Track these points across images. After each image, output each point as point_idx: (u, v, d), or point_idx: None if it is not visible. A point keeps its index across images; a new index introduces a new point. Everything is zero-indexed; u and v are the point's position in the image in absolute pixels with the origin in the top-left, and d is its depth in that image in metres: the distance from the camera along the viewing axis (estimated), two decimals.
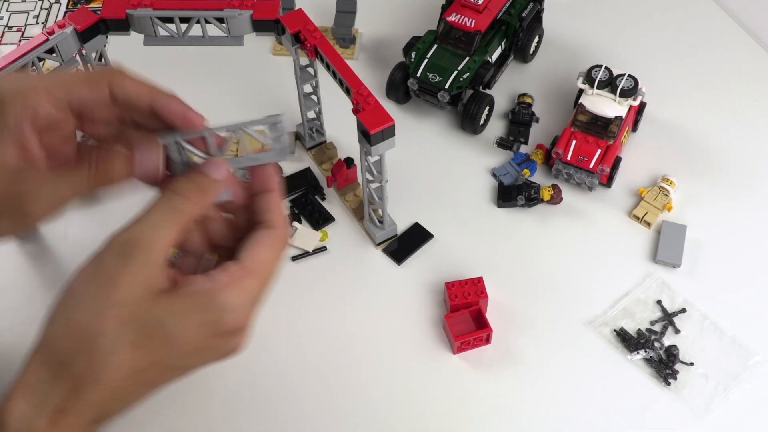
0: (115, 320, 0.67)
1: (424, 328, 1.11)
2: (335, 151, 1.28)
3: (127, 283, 0.67)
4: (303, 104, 1.21)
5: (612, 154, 1.20)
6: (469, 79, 1.26)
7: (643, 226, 1.19)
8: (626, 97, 1.20)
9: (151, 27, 1.09)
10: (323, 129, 1.28)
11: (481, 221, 1.21)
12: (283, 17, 1.09)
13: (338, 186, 1.23)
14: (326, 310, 1.13)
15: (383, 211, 1.15)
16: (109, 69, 0.81)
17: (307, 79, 1.17)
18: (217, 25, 1.09)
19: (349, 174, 1.22)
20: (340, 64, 1.05)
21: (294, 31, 1.08)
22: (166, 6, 1.08)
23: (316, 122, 1.26)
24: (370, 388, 1.06)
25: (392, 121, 0.99)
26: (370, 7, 1.47)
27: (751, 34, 1.44)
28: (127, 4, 1.08)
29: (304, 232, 1.19)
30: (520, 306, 1.12)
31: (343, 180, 1.22)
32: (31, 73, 0.91)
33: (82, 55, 1.12)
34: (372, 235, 1.18)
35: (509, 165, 1.25)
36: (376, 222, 1.17)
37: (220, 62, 1.41)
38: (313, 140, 1.28)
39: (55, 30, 1.07)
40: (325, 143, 1.29)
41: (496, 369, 1.07)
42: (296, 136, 1.29)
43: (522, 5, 1.34)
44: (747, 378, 1.05)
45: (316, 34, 1.08)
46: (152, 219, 0.71)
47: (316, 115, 1.25)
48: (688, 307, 1.11)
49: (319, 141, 1.29)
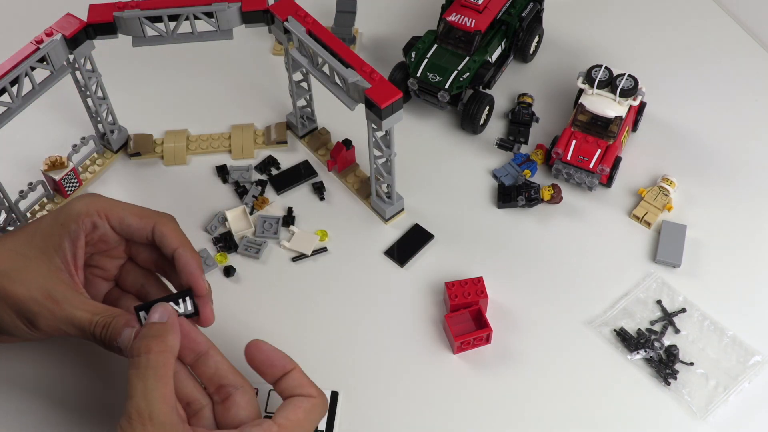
0: None
1: (424, 328, 1.11)
2: (329, 135, 1.29)
3: None
4: (294, 92, 1.22)
5: (612, 154, 1.20)
6: (469, 79, 1.26)
7: (643, 226, 1.19)
8: (626, 97, 1.20)
9: (139, 28, 1.09)
10: (314, 116, 1.28)
11: (480, 221, 1.21)
12: (272, 6, 1.09)
13: (338, 169, 1.24)
14: (326, 310, 1.13)
15: (391, 186, 1.16)
16: (160, 213, 0.98)
17: (298, 66, 1.17)
18: (206, 20, 1.09)
19: (348, 156, 1.24)
20: (337, 44, 1.05)
21: (284, 18, 1.08)
22: (154, 5, 1.08)
23: (306, 110, 1.27)
24: (370, 388, 1.06)
25: (400, 94, 1.01)
26: (370, 7, 1.47)
27: (751, 34, 1.44)
28: (113, 8, 1.08)
29: (301, 235, 1.19)
30: (520, 306, 1.12)
31: (343, 162, 1.24)
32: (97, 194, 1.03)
33: (70, 62, 1.12)
34: (381, 211, 1.19)
35: (509, 165, 1.25)
36: (384, 198, 1.18)
37: (220, 62, 1.41)
38: (305, 128, 1.29)
39: (44, 38, 1.06)
40: (318, 129, 1.30)
41: (496, 369, 1.07)
42: (288, 125, 1.30)
43: (522, 5, 1.34)
44: (747, 378, 1.05)
45: (308, 19, 1.08)
46: (138, 390, 0.81)
47: (307, 102, 1.26)
48: (688, 307, 1.11)
49: (311, 128, 1.29)
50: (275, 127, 1.30)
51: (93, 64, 1.16)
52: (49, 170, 1.21)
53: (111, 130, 1.26)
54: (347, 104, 1.04)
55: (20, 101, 1.07)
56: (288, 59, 1.15)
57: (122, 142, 1.29)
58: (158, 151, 1.28)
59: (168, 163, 1.27)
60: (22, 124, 1.14)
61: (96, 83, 1.19)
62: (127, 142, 1.29)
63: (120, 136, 1.28)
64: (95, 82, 1.19)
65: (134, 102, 1.34)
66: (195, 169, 1.27)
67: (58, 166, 1.21)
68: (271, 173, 1.26)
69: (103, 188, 1.25)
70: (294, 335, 1.10)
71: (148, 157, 1.28)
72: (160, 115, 1.33)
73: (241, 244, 1.18)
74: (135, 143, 1.28)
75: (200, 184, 1.25)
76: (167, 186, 1.25)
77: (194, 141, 1.29)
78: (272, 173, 1.26)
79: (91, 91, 1.18)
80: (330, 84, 1.06)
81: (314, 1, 1.47)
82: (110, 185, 1.26)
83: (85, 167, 1.27)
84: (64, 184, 1.22)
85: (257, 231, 1.19)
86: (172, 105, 1.35)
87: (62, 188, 1.22)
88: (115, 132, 1.27)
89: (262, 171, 1.26)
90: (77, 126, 1.31)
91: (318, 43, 1.06)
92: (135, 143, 1.28)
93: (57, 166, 1.21)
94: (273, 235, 1.19)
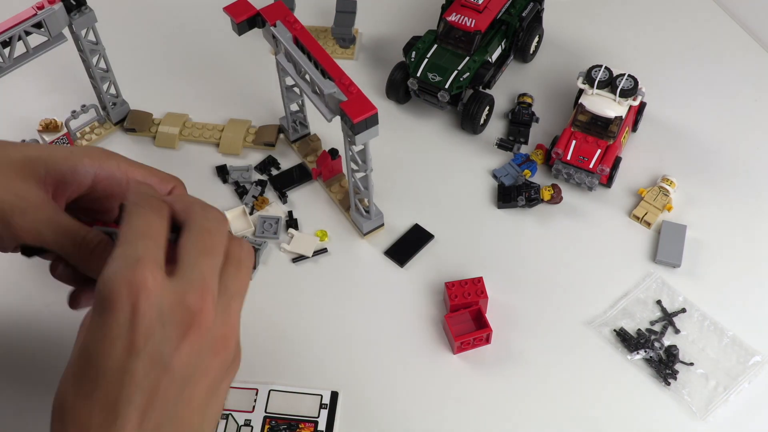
0: None
1: (424, 328, 1.11)
2: (319, 143, 1.29)
3: None
4: (285, 96, 1.22)
5: (612, 154, 1.20)
6: (469, 79, 1.26)
7: (643, 226, 1.19)
8: (626, 97, 1.20)
9: None
10: (306, 121, 1.28)
11: (480, 221, 1.21)
12: (262, 10, 1.09)
13: (323, 178, 1.24)
14: (326, 310, 1.13)
15: (369, 201, 1.15)
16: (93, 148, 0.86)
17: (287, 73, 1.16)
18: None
19: (333, 165, 1.23)
20: (320, 53, 1.04)
21: (273, 22, 1.08)
22: None
23: (299, 114, 1.27)
24: (370, 388, 1.06)
25: (375, 110, 0.99)
26: (370, 7, 1.47)
27: (751, 35, 1.44)
28: None
29: (301, 237, 1.19)
30: (520, 306, 1.12)
31: (328, 171, 1.23)
32: None
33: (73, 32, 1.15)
34: (359, 225, 1.18)
35: (509, 166, 1.25)
36: (362, 212, 1.18)
37: (220, 63, 1.41)
38: (297, 133, 1.29)
39: (45, 5, 1.09)
40: (309, 135, 1.30)
41: (496, 369, 1.07)
42: (280, 129, 1.30)
43: (522, 5, 1.34)
44: (747, 378, 1.05)
45: (297, 26, 1.07)
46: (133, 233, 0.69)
47: (299, 108, 1.26)
48: (688, 307, 1.11)
49: (303, 133, 1.29)
50: (266, 129, 1.30)
51: (97, 36, 1.19)
52: (43, 132, 1.24)
53: (113, 102, 1.29)
54: (325, 115, 1.02)
55: (11, 62, 1.10)
56: (278, 65, 1.15)
57: (122, 116, 1.32)
58: (153, 131, 1.30)
59: (158, 145, 1.29)
60: (28, 85, 1.18)
61: (99, 55, 1.22)
62: (126, 117, 1.32)
63: (121, 110, 1.31)
64: (98, 54, 1.21)
65: (145, 81, 1.37)
66: (184, 155, 1.29)
67: (52, 129, 1.24)
68: (271, 173, 1.26)
69: None
70: (294, 335, 1.10)
71: (143, 135, 1.31)
72: (167, 97, 1.36)
73: None
74: (132, 119, 1.31)
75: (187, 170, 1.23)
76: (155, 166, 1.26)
77: (189, 127, 1.30)
78: (272, 173, 1.26)
79: (90, 63, 1.21)
80: (311, 93, 1.05)
81: (314, 1, 1.47)
82: None
83: (83, 134, 1.30)
84: None
85: (257, 231, 1.19)
86: (181, 90, 1.38)
87: None
88: (117, 105, 1.30)
89: (262, 171, 1.26)
90: (86, 94, 1.33)
91: (302, 52, 1.06)
92: (132, 119, 1.31)
93: (51, 128, 1.24)
94: (273, 235, 1.19)
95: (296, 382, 1.06)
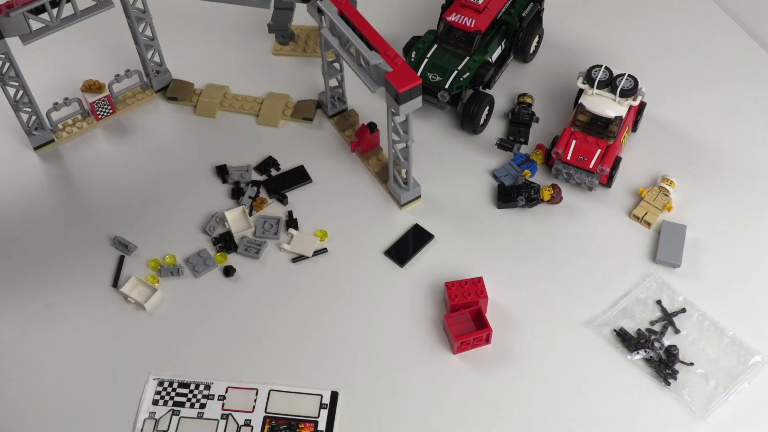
0: None
1: (424, 328, 1.11)
2: (357, 117, 1.31)
3: None
4: (326, 72, 1.24)
5: (612, 154, 1.20)
6: (469, 79, 1.26)
7: (643, 226, 1.19)
8: (626, 97, 1.20)
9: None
10: (345, 96, 1.31)
11: (480, 221, 1.21)
12: None
13: (361, 151, 1.26)
14: (326, 310, 1.13)
15: (408, 172, 1.17)
16: None
17: (329, 46, 1.18)
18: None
19: (372, 139, 1.26)
20: (365, 27, 1.07)
21: None
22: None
23: (338, 90, 1.30)
24: (370, 388, 1.06)
25: (419, 81, 1.03)
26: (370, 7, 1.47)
27: (751, 34, 1.44)
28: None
29: (301, 237, 1.19)
30: (520, 306, 1.12)
31: (367, 145, 1.26)
32: None
33: None
34: (397, 197, 1.21)
35: (509, 166, 1.25)
36: (401, 183, 1.20)
37: (220, 63, 1.41)
38: (335, 108, 1.31)
39: None
40: (347, 110, 1.32)
41: (496, 369, 1.07)
42: (318, 104, 1.32)
43: (522, 5, 1.34)
44: (747, 378, 1.05)
45: (342, 0, 1.10)
46: None
47: (338, 83, 1.28)
48: (688, 307, 1.11)
49: (341, 108, 1.32)
50: (304, 103, 1.32)
51: (145, 5, 1.23)
52: (86, 91, 1.29)
53: (156, 70, 1.33)
54: (369, 86, 1.07)
55: (59, 22, 1.13)
56: (321, 39, 1.17)
57: (164, 84, 1.35)
58: (194, 100, 1.34)
59: (199, 114, 1.33)
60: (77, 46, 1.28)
61: (145, 23, 1.26)
62: (169, 85, 1.35)
63: (163, 78, 1.35)
64: (144, 23, 1.26)
65: (188, 52, 1.41)
66: (222, 124, 1.33)
67: (95, 89, 1.29)
68: (270, 174, 1.26)
69: (129, 119, 1.33)
70: (294, 335, 1.10)
71: (183, 104, 1.34)
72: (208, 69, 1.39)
73: (241, 244, 1.18)
74: (173, 88, 1.35)
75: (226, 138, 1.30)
76: (194, 134, 1.32)
77: (229, 99, 1.34)
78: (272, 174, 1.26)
79: (137, 31, 1.26)
80: (355, 65, 1.09)
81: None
82: (137, 120, 1.33)
83: (125, 98, 1.34)
84: (96, 108, 1.29)
85: (257, 231, 1.19)
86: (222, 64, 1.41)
87: (94, 111, 1.30)
88: (160, 73, 1.34)
89: (262, 172, 1.26)
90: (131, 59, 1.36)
91: (348, 25, 1.09)
92: (173, 88, 1.35)
93: (93, 89, 1.29)
94: (273, 235, 1.19)
95: (296, 382, 1.06)
